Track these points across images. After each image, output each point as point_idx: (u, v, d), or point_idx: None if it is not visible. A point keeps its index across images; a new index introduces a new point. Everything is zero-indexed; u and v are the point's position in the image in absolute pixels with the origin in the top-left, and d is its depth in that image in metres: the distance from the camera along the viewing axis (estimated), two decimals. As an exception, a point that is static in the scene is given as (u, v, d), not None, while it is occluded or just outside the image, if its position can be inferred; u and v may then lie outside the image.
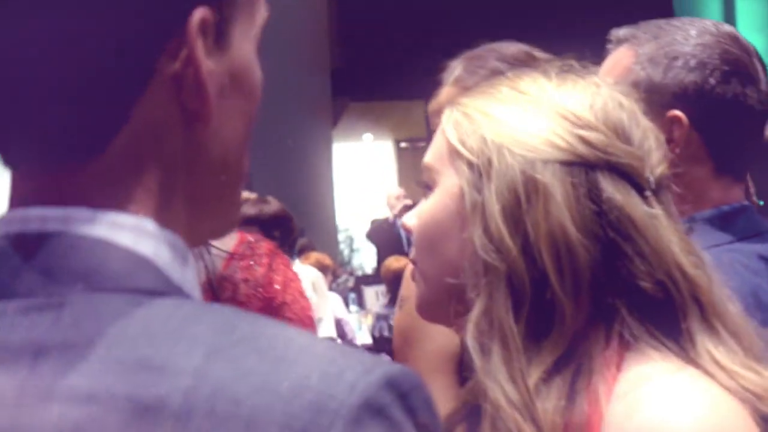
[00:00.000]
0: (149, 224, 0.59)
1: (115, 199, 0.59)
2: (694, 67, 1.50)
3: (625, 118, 1.04)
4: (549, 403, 0.94)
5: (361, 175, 13.95)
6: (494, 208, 0.99)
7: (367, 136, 14.75)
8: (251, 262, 1.89)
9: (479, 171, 1.01)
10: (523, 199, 0.98)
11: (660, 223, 0.99)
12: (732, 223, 1.51)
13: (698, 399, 0.94)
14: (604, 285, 0.96)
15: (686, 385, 0.95)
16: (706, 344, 0.97)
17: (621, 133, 1.02)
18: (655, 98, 1.51)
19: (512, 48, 1.76)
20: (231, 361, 0.54)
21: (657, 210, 0.99)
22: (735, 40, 1.53)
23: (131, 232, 0.59)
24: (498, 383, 0.96)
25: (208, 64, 0.59)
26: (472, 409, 1.03)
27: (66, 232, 0.58)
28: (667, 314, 0.98)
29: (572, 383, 0.95)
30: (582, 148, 1.00)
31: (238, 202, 0.68)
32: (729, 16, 6.93)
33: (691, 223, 1.49)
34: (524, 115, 1.03)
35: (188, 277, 0.61)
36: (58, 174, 0.59)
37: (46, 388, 0.53)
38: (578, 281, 0.96)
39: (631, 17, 1.71)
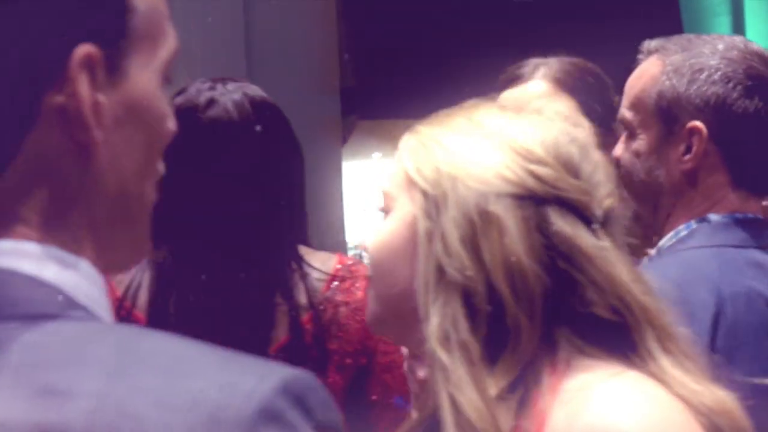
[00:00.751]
0: (52, 251, 0.61)
1: (14, 228, 0.61)
2: (717, 80, 1.50)
3: (576, 152, 1.07)
4: (503, 421, 0.98)
5: (370, 192, 13.97)
6: (453, 236, 1.03)
7: (377, 155, 14.77)
8: (351, 285, 1.85)
9: (434, 201, 1.05)
10: (479, 229, 1.02)
11: (609, 254, 1.04)
12: (742, 230, 1.52)
13: (641, 399, 0.97)
14: (556, 311, 1.01)
15: (629, 386, 0.98)
16: (663, 362, 1.01)
17: (570, 168, 1.06)
18: (678, 108, 1.51)
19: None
20: (132, 380, 0.55)
21: (605, 242, 1.04)
22: (762, 57, 1.54)
23: (34, 260, 0.60)
24: (464, 393, 0.98)
25: (97, 97, 0.62)
26: (431, 422, 1.06)
27: None
28: (623, 337, 1.02)
29: (521, 401, 0.99)
30: (532, 183, 1.04)
31: (145, 234, 0.70)
32: (738, 32, 6.92)
33: (702, 222, 1.50)
34: (478, 148, 1.07)
35: (95, 297, 0.62)
36: None
37: None
38: (533, 307, 1.01)
39: (639, 33, 1.70)
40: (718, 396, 1.02)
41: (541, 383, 1.00)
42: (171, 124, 0.71)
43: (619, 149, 1.68)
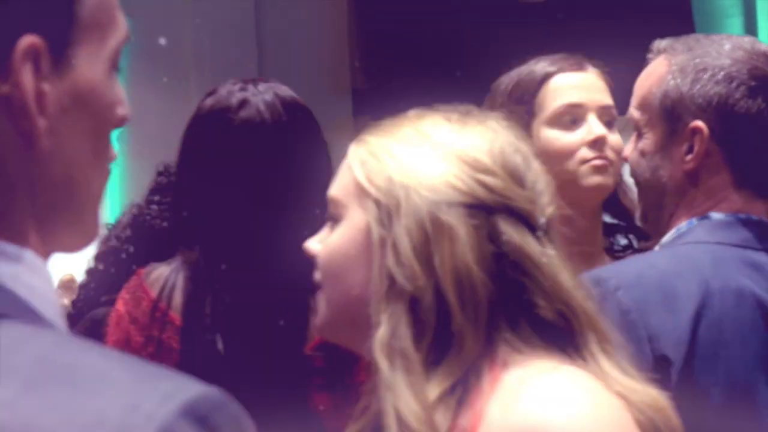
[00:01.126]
0: None
1: None
2: (720, 80, 1.50)
3: (520, 161, 1.11)
4: (441, 421, 1.01)
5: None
6: (405, 244, 1.06)
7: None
8: None
9: (387, 210, 1.08)
10: (431, 237, 1.05)
11: (554, 261, 1.09)
12: (743, 230, 1.52)
13: (575, 392, 1.01)
14: (501, 315, 1.05)
15: (563, 380, 1.02)
16: (604, 363, 1.06)
17: (517, 178, 1.10)
18: (681, 108, 1.52)
19: None
20: (43, 393, 0.55)
21: (549, 249, 1.09)
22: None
23: None
24: (403, 399, 1.02)
25: (41, 86, 0.63)
26: (375, 426, 1.09)
27: None
28: (568, 340, 1.06)
29: (460, 400, 1.03)
30: (482, 193, 1.07)
31: (94, 219, 0.70)
32: (750, 33, 6.90)
33: (703, 220, 1.51)
34: (428, 158, 1.10)
35: (37, 288, 0.62)
36: None
37: None
38: (478, 314, 1.04)
39: (651, 34, 1.71)
40: (653, 394, 1.07)
41: (481, 382, 1.03)
42: (122, 111, 0.71)
43: (628, 149, 1.69)
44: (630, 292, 1.45)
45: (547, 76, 1.91)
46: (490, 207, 1.08)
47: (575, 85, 1.92)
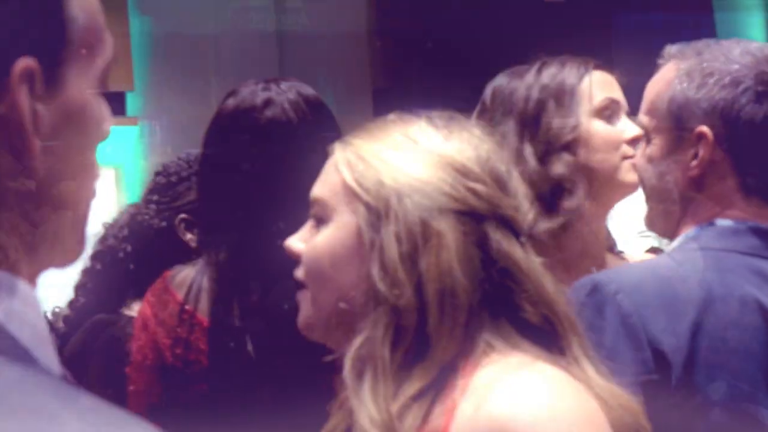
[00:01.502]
0: None
1: None
2: (726, 85, 1.49)
3: (504, 169, 1.14)
4: (409, 423, 1.03)
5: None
6: (392, 249, 1.07)
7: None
8: None
9: (377, 213, 1.09)
10: (420, 243, 1.07)
11: (537, 267, 1.11)
12: (750, 238, 1.51)
13: (545, 388, 1.03)
14: (484, 321, 1.07)
15: (533, 376, 1.03)
16: (586, 366, 1.08)
17: (502, 185, 1.12)
18: (687, 113, 1.51)
19: None
20: None
21: (532, 255, 1.11)
22: None
23: None
24: (365, 405, 1.04)
25: (37, 107, 0.65)
26: (349, 423, 1.10)
27: None
28: (552, 343, 1.08)
29: (433, 401, 1.05)
30: (472, 200, 1.09)
31: (82, 236, 0.72)
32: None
33: (709, 227, 1.50)
34: (418, 164, 1.11)
35: (29, 323, 0.62)
36: None
37: None
38: (456, 319, 1.06)
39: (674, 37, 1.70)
40: (628, 398, 1.10)
41: (455, 381, 1.05)
42: (106, 128, 0.73)
43: (637, 155, 1.69)
44: (630, 297, 1.44)
45: (587, 69, 1.91)
46: (479, 214, 1.09)
47: (611, 82, 1.92)
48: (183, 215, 2.29)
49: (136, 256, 2.44)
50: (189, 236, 2.26)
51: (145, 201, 2.44)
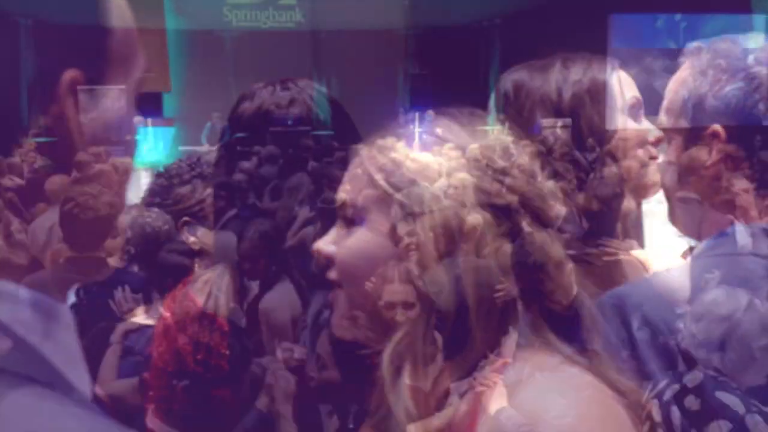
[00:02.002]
0: None
1: None
2: (739, 82, 1.46)
3: (529, 162, 1.14)
4: (443, 416, 1.04)
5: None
6: (429, 246, 1.07)
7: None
8: None
9: (412, 213, 1.09)
10: (456, 239, 1.07)
11: (567, 259, 1.11)
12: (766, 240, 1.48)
13: (571, 388, 1.03)
14: (515, 313, 1.08)
15: (561, 377, 1.04)
16: (605, 361, 1.09)
17: (531, 177, 1.13)
18: (701, 112, 1.49)
19: None
20: None
21: (561, 247, 1.11)
22: None
23: None
24: (402, 400, 1.05)
25: (80, 118, 0.68)
26: (386, 415, 1.12)
27: None
28: (577, 336, 1.09)
29: (465, 395, 1.06)
30: (505, 194, 1.10)
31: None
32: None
33: (728, 232, 1.47)
34: (449, 162, 1.12)
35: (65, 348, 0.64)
36: None
37: None
38: (491, 313, 1.07)
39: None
40: (639, 390, 1.12)
41: (486, 376, 1.06)
42: (133, 132, 0.76)
43: (660, 155, 1.67)
44: (653, 307, 1.42)
45: (614, 68, 1.89)
46: (512, 208, 1.11)
47: (631, 81, 1.91)
48: (185, 218, 2.29)
49: (138, 258, 2.43)
50: (192, 239, 2.27)
51: (146, 203, 2.44)
